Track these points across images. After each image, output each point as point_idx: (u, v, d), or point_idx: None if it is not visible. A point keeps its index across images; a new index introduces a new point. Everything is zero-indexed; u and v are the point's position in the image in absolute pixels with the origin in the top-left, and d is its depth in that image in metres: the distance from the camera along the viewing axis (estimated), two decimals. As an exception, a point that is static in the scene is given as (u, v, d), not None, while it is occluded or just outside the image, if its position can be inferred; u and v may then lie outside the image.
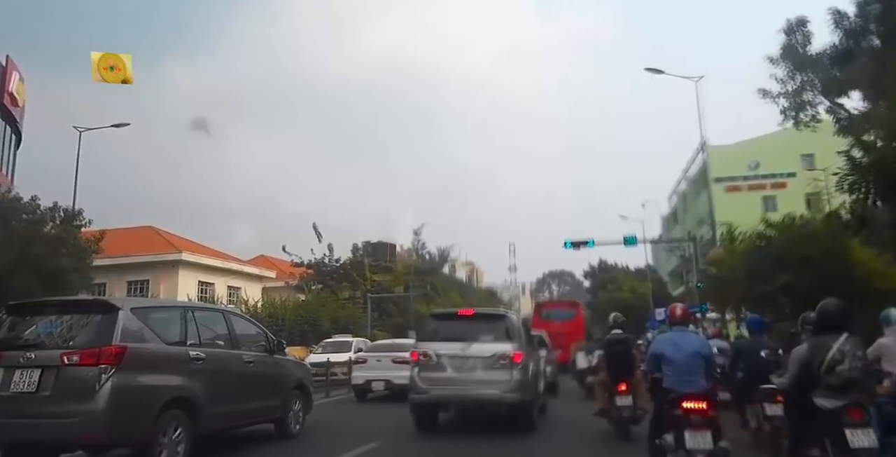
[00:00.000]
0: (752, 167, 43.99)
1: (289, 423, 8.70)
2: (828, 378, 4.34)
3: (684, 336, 6.01)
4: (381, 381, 14.72)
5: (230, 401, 7.29)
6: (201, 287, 39.74)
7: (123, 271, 38.24)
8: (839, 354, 4.30)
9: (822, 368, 4.33)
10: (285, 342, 9.57)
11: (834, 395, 4.34)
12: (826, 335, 4.49)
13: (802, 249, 14.42)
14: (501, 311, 11.74)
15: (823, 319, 4.65)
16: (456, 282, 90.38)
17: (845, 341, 4.36)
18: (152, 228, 42.88)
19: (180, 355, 6.66)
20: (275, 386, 8.40)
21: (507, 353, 8.90)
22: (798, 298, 13.11)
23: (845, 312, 4.61)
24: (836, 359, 4.29)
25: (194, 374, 6.67)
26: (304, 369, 10.01)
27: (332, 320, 41.01)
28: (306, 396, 9.29)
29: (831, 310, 4.62)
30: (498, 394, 8.80)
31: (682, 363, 5.69)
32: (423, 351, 9.23)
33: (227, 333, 7.81)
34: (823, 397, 4.39)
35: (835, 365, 4.29)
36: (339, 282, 48.85)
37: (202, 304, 17.83)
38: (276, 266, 51.52)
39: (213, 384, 6.89)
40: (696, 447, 5.18)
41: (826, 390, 4.38)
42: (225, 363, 7.40)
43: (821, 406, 4.38)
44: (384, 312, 52.45)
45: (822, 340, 4.47)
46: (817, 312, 4.73)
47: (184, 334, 6.97)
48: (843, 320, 4.54)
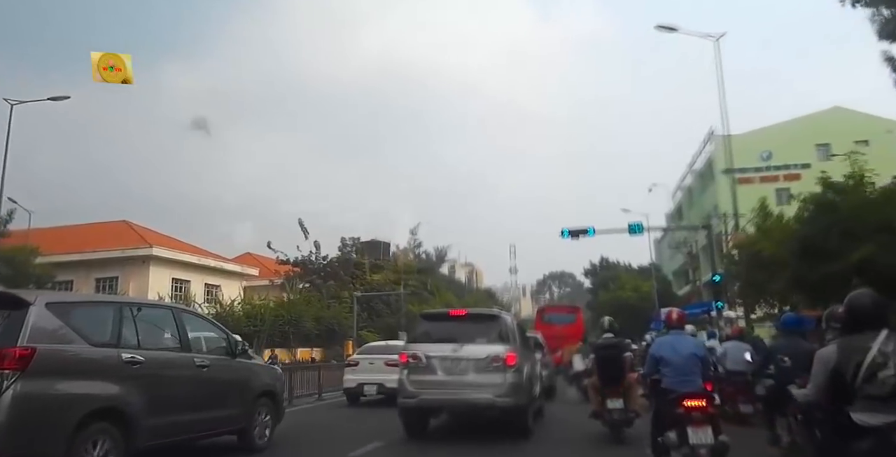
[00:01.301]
0: (763, 158, 41.47)
1: (253, 434, 7.89)
2: (868, 387, 3.49)
3: (681, 339, 6.46)
4: (373, 384, 14.31)
5: (177, 411, 6.55)
6: (175, 285, 37.28)
7: (92, 268, 35.91)
8: (881, 356, 3.47)
9: (860, 374, 3.51)
10: (262, 344, 8.51)
11: (879, 408, 3.47)
12: (860, 334, 3.65)
13: (885, 214, 11.52)
14: (495, 311, 11.07)
15: (856, 314, 3.80)
16: (452, 282, 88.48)
17: (887, 340, 3.52)
18: (126, 223, 40.44)
19: (110, 358, 5.91)
20: (236, 393, 7.64)
21: (501, 355, 8.59)
22: (882, 278, 10.17)
23: (883, 305, 3.77)
24: (877, 363, 3.47)
25: (129, 380, 5.96)
26: (273, 374, 9.08)
27: (317, 321, 38.59)
28: (276, 404, 8.55)
29: (865, 302, 3.77)
30: (490, 398, 8.45)
31: (679, 364, 6.11)
32: (412, 353, 8.92)
33: (177, 334, 7.03)
34: (865, 412, 3.51)
35: (876, 370, 3.47)
36: (326, 280, 46.35)
37: (147, 300, 16.18)
38: (263, 264, 49.30)
39: (155, 392, 6.20)
40: (699, 443, 5.60)
41: (867, 403, 3.51)
42: (171, 368, 6.70)
43: (862, 424, 3.49)
44: (375, 312, 50.12)
45: (856, 341, 3.64)
46: (847, 305, 3.87)
47: (117, 335, 6.16)
48: (880, 315, 3.70)
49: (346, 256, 48.22)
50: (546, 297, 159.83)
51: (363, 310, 48.11)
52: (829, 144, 40.55)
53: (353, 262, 49.46)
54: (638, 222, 22.02)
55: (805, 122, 39.78)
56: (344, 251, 48.28)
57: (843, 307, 4.02)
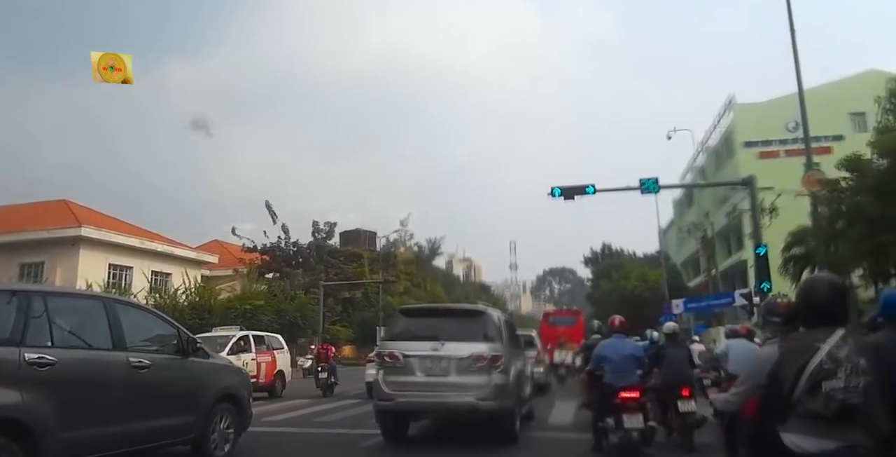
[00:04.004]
0: (790, 129, 36.30)
1: (210, 445, 6.86)
2: (808, 402, 2.48)
3: (621, 342, 7.68)
4: None
5: (103, 421, 5.54)
6: (113, 271, 32.45)
7: (16, 252, 31.16)
8: (830, 361, 2.48)
9: (800, 383, 2.49)
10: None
11: (819, 430, 2.46)
12: (809, 331, 2.67)
13: None
14: (480, 307, 9.89)
15: (811, 305, 2.75)
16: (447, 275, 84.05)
17: (842, 342, 2.53)
18: (64, 202, 35.63)
19: (7, 359, 4.85)
20: (187, 398, 6.64)
21: (485, 354, 8.03)
22: None
23: (843, 296, 2.76)
24: (824, 369, 2.47)
25: (34, 385, 4.94)
26: (236, 374, 8.01)
27: (278, 313, 33.84)
28: (239, 409, 7.50)
29: (822, 291, 2.74)
30: (472, 401, 7.86)
31: (618, 363, 7.32)
32: (388, 352, 8.34)
33: (107, 330, 5.90)
34: (800, 434, 2.51)
35: (821, 379, 2.46)
36: (296, 269, 41.56)
37: (70, 289, 13.82)
38: (229, 252, 44.52)
39: (72, 399, 5.22)
40: (632, 427, 6.90)
41: (805, 422, 2.49)
42: (95, 369, 5.64)
43: (795, 449, 2.51)
44: (352, 305, 45.34)
45: (804, 339, 2.64)
46: (800, 293, 2.86)
47: (19, 330, 5.05)
48: (837, 309, 2.69)
49: (319, 243, 43.34)
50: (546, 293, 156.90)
51: (337, 302, 43.38)
52: (865, 113, 35.75)
53: (328, 249, 44.68)
54: (652, 179, 16.96)
55: (837, 87, 34.76)
56: (317, 237, 43.39)
57: (796, 297, 3.03)
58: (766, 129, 35.61)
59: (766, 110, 35.99)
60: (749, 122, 36.50)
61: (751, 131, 35.83)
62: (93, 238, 30.96)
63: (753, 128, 35.72)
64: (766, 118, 35.66)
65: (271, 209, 42.18)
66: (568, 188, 16.51)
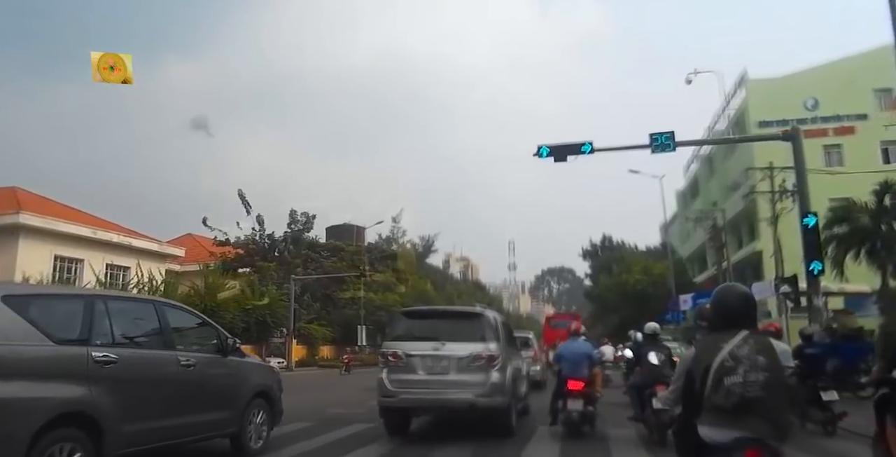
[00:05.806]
0: (808, 107, 33.30)
1: (247, 438, 7.31)
2: (714, 397, 2.95)
3: (577, 343, 9.24)
4: None
5: (158, 415, 5.93)
6: (59, 264, 29.22)
7: (-48, 243, 27.87)
8: (730, 359, 2.94)
9: (708, 380, 2.96)
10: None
11: (725, 421, 2.93)
12: (718, 333, 3.14)
13: None
14: (478, 309, 9.92)
15: (720, 310, 3.27)
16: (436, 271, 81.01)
17: (743, 342, 2.99)
18: (13, 190, 32.39)
19: (77, 357, 5.20)
20: (227, 395, 7.04)
21: (483, 353, 8.44)
22: None
23: (751, 303, 3.25)
24: (725, 367, 2.94)
25: (100, 381, 5.26)
26: (270, 373, 8.39)
27: (244, 311, 30.65)
28: (271, 405, 7.95)
29: (730, 298, 3.26)
30: (471, 398, 8.31)
31: (573, 360, 8.85)
32: (391, 351, 8.77)
33: (158, 330, 6.35)
34: (711, 426, 3.01)
35: (723, 376, 2.93)
36: (271, 263, 38.37)
37: (124, 293, 15.29)
38: (202, 246, 41.37)
39: (132, 394, 5.56)
40: (573, 409, 8.46)
41: (714, 415, 2.98)
42: (150, 367, 6.01)
43: (707, 440, 3.03)
44: (332, 304, 42.15)
45: (713, 341, 3.11)
46: (713, 301, 3.35)
47: (87, 331, 5.43)
48: (745, 314, 3.17)
49: (296, 234, 40.12)
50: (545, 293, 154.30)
51: (315, 299, 40.21)
52: (892, 89, 32.66)
53: (307, 242, 41.48)
54: (666, 133, 13.74)
55: (859, 61, 31.57)
56: (294, 228, 40.18)
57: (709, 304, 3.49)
58: (782, 106, 32.43)
59: (782, 87, 32.85)
60: (763, 99, 33.30)
61: (765, 110, 32.62)
62: (34, 226, 27.80)
63: (768, 106, 32.53)
64: (782, 95, 32.50)
65: (244, 199, 39.03)
66: (559, 147, 13.24)
